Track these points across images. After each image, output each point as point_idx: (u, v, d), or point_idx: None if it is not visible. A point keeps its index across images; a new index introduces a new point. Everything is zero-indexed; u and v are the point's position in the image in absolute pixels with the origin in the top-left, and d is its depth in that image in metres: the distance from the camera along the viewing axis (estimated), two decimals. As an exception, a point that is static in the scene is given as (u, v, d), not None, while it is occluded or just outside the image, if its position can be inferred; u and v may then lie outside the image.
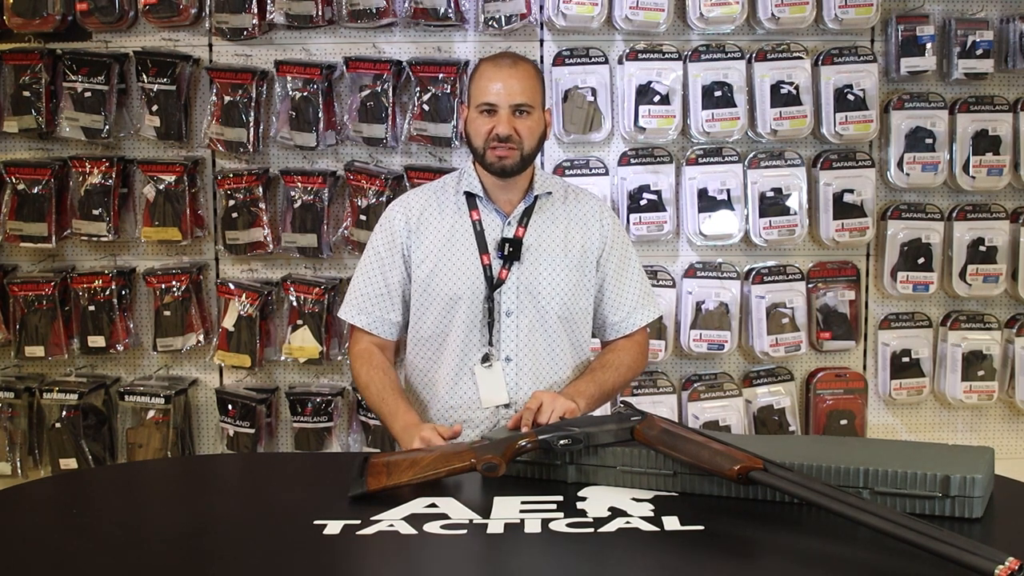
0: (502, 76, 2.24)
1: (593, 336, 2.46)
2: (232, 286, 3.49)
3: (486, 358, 2.29)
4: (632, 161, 3.44)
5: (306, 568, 1.55)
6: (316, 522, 1.71)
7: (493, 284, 2.29)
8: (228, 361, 3.51)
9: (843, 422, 3.53)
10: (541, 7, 3.39)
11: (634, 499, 1.79)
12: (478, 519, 1.72)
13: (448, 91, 3.35)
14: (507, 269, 2.29)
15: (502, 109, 2.23)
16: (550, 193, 2.37)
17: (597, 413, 2.30)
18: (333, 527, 1.69)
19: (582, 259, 2.35)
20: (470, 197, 2.34)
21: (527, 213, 2.33)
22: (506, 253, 2.29)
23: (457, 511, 1.75)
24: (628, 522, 1.69)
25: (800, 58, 3.39)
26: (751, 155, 3.44)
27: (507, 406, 2.30)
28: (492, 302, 2.28)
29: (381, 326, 2.38)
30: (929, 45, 3.41)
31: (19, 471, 3.54)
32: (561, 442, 1.84)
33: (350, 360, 2.43)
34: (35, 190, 3.45)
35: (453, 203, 2.35)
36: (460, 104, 2.42)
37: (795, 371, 3.58)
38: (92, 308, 3.48)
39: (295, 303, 3.45)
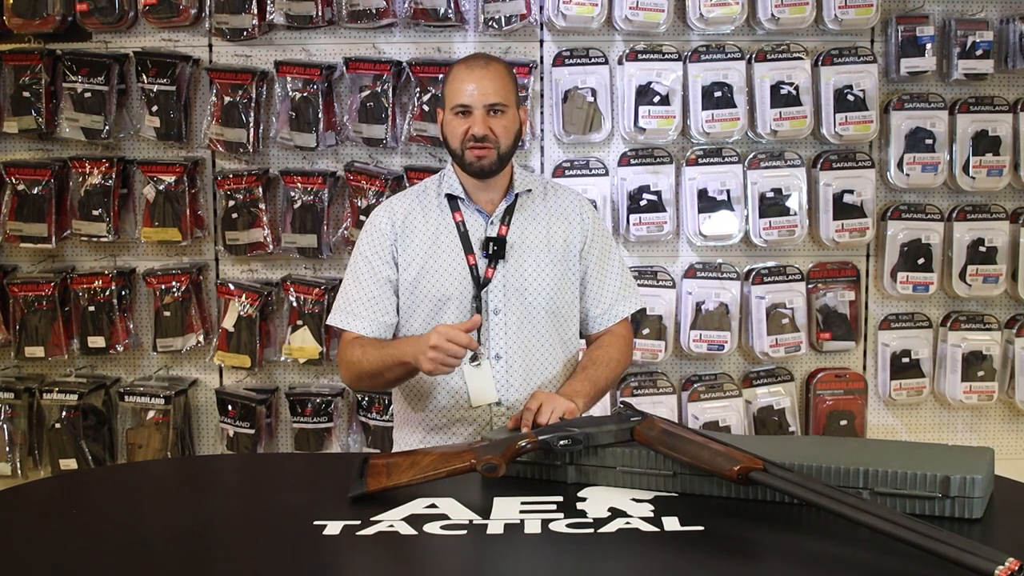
0: (474, 77, 2.26)
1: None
2: (232, 286, 3.49)
3: (474, 357, 2.29)
4: (632, 161, 3.44)
5: (306, 568, 1.56)
6: (316, 522, 1.71)
7: (480, 283, 2.30)
8: (228, 361, 3.51)
9: (843, 422, 3.52)
10: (541, 7, 3.39)
11: (634, 499, 1.79)
12: (478, 519, 1.72)
13: (448, 91, 3.36)
14: (493, 268, 2.31)
15: (476, 110, 2.25)
16: (530, 191, 2.40)
17: (596, 413, 2.30)
18: (333, 527, 1.69)
19: (565, 253, 2.37)
20: (452, 199, 2.35)
21: (509, 211, 2.35)
22: (491, 252, 2.31)
23: (457, 511, 1.75)
24: (628, 523, 1.69)
25: (800, 58, 3.39)
26: (751, 156, 3.44)
27: (498, 404, 2.31)
28: (479, 301, 2.30)
29: (376, 329, 2.35)
30: (929, 45, 3.41)
31: (19, 471, 3.54)
32: (561, 442, 1.84)
33: (339, 362, 2.37)
34: (35, 190, 3.45)
35: (436, 205, 2.37)
36: (438, 108, 2.43)
37: (795, 371, 3.58)
38: (92, 308, 3.48)
39: (295, 303, 3.45)
